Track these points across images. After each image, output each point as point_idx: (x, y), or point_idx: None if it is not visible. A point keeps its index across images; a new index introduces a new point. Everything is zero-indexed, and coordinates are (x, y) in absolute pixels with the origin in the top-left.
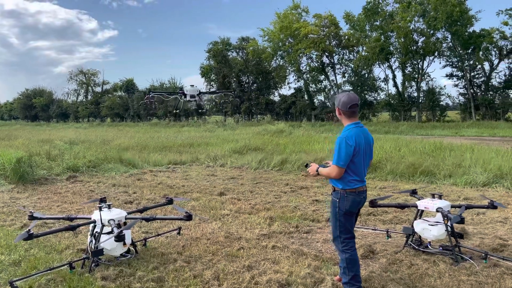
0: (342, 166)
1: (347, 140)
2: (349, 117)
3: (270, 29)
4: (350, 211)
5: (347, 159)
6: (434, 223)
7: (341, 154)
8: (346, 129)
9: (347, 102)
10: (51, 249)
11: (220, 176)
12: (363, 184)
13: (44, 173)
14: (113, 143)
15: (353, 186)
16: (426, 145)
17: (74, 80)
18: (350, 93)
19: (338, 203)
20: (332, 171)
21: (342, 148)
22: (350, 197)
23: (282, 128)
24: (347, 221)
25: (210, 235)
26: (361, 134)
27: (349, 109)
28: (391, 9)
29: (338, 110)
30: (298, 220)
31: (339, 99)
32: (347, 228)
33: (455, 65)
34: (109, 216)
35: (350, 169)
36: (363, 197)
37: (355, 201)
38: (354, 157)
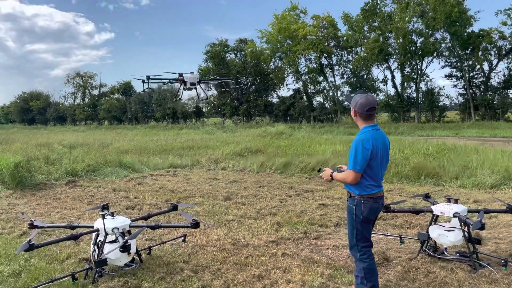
0: (358, 170)
1: (364, 144)
2: (366, 119)
3: (268, 31)
4: (368, 218)
5: (363, 163)
6: (451, 229)
7: (358, 158)
8: (362, 132)
9: (365, 104)
10: (52, 258)
11: (222, 179)
12: (381, 189)
13: (43, 178)
14: (112, 146)
15: (370, 191)
16: (430, 146)
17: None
18: (368, 95)
19: (355, 210)
20: (348, 176)
21: (358, 152)
22: (367, 203)
23: (282, 130)
24: (364, 229)
25: (216, 242)
26: (378, 137)
27: (366, 112)
28: (389, 10)
29: (354, 112)
30: (306, 226)
31: (356, 101)
32: (365, 236)
33: (454, 65)
34: (113, 225)
35: (367, 174)
36: (381, 203)
37: (373, 207)
38: (371, 161)
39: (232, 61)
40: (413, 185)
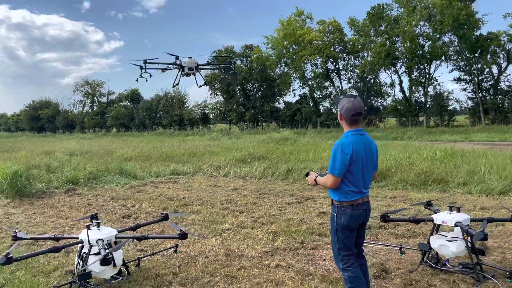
0: (337, 175)
1: (343, 148)
2: (351, 124)
3: (274, 37)
4: (349, 226)
5: (342, 168)
6: (453, 239)
7: (336, 162)
8: (344, 136)
9: (351, 109)
10: (38, 271)
11: (222, 186)
12: (363, 196)
13: (43, 186)
14: (116, 154)
15: (350, 198)
16: (437, 152)
17: (79, 91)
18: (355, 100)
19: (336, 217)
20: (327, 181)
21: (337, 156)
22: (347, 210)
23: (287, 136)
24: (346, 237)
25: (210, 252)
26: (361, 142)
27: (351, 117)
28: (396, 14)
29: (340, 115)
30: (303, 235)
31: (342, 105)
32: (347, 245)
33: (463, 69)
34: (97, 236)
35: (347, 179)
36: (362, 210)
37: (354, 215)
38: (351, 166)
39: (238, 67)
40: (418, 192)
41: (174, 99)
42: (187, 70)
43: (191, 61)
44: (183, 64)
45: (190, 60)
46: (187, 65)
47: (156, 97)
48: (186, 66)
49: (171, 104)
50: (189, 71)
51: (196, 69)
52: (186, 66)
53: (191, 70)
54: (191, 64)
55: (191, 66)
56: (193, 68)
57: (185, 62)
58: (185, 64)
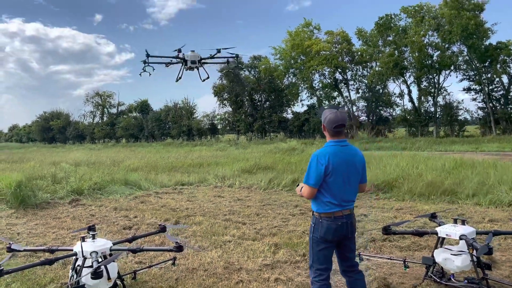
0: (312, 185)
1: (319, 158)
2: (333, 136)
3: (281, 47)
4: (325, 239)
5: (317, 179)
6: (458, 253)
7: (310, 172)
8: (324, 146)
9: (334, 121)
10: (34, 283)
11: (227, 197)
12: (343, 209)
13: (47, 196)
14: (123, 164)
15: (328, 209)
16: (446, 162)
17: (90, 102)
18: (338, 111)
19: (313, 228)
20: (304, 191)
21: (312, 166)
22: (324, 222)
23: (294, 146)
24: (321, 250)
25: (208, 265)
26: (340, 153)
27: (334, 128)
28: (404, 24)
29: (324, 126)
30: (305, 247)
31: (325, 116)
32: (320, 258)
33: (473, 78)
34: (91, 248)
35: (324, 190)
36: (341, 223)
37: (331, 227)
38: (328, 177)
39: (246, 78)
40: (426, 203)
41: (183, 110)
42: (190, 64)
43: (193, 54)
44: (186, 58)
45: (192, 53)
46: (190, 58)
47: (165, 107)
48: (189, 59)
49: (180, 114)
50: (192, 65)
51: (199, 63)
52: (189, 59)
53: (194, 64)
54: (193, 57)
55: (193, 60)
56: (196, 62)
57: (188, 55)
58: (188, 57)
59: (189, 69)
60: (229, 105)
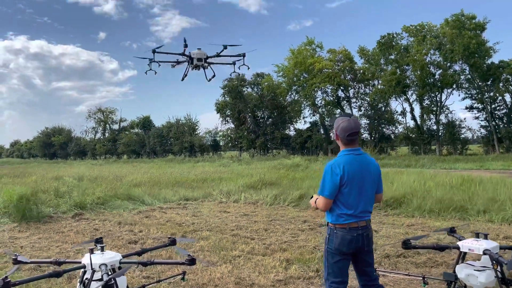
0: (327, 196)
1: (333, 168)
2: (346, 144)
3: (284, 65)
4: (340, 250)
5: (332, 189)
6: (481, 269)
7: (325, 183)
8: (338, 156)
9: (347, 129)
10: None
11: (232, 212)
12: (359, 220)
13: (50, 210)
14: (125, 179)
15: (343, 221)
16: (453, 179)
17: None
18: (351, 119)
19: (328, 239)
20: (318, 203)
21: (327, 177)
22: (339, 233)
23: (298, 162)
24: (336, 262)
25: (219, 280)
26: (355, 162)
27: (347, 137)
28: (406, 42)
29: (336, 135)
30: (318, 263)
31: (338, 124)
32: (336, 271)
33: (475, 97)
34: (100, 260)
35: (340, 201)
36: (357, 235)
37: (345, 238)
38: (343, 187)
39: (249, 95)
40: (436, 219)
41: (185, 126)
42: (196, 62)
43: (200, 52)
44: (192, 55)
45: (199, 51)
46: (196, 56)
47: (167, 124)
48: (195, 57)
49: (182, 131)
50: (198, 63)
51: (205, 61)
52: (195, 57)
53: (200, 61)
54: (200, 55)
55: (200, 57)
56: (202, 60)
57: (194, 53)
58: (194, 55)
59: (195, 68)
60: (232, 122)
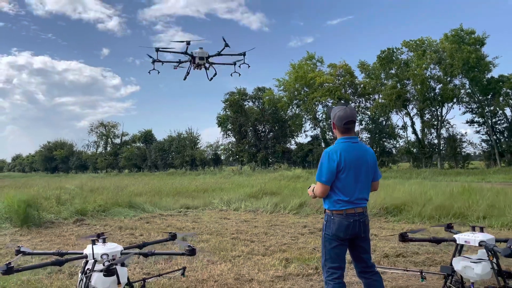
0: (324, 182)
1: (330, 155)
2: (343, 132)
3: (285, 79)
4: (337, 236)
5: (329, 175)
6: (477, 261)
7: (323, 169)
8: (336, 143)
9: (343, 117)
10: None
11: (233, 219)
12: (355, 206)
13: (52, 217)
14: (127, 190)
15: (339, 207)
16: (454, 188)
17: (94, 132)
18: (347, 108)
19: (325, 226)
20: (316, 189)
21: (324, 163)
22: (336, 219)
23: (299, 174)
24: (333, 248)
25: (218, 277)
26: (352, 149)
27: (344, 125)
28: (406, 57)
29: (333, 124)
30: (317, 262)
31: (334, 113)
32: (333, 257)
33: (475, 111)
34: (102, 250)
35: (337, 187)
36: (353, 221)
37: (342, 224)
38: (340, 174)
39: (250, 109)
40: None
41: (186, 140)
42: (198, 61)
43: (202, 51)
44: (194, 54)
45: (201, 50)
46: (198, 55)
47: (169, 138)
48: (197, 56)
49: (183, 144)
50: (200, 61)
51: (206, 60)
52: (197, 56)
53: (202, 60)
54: (202, 54)
55: (202, 56)
56: (203, 58)
57: (196, 52)
58: (196, 54)
59: (197, 67)
60: (233, 136)
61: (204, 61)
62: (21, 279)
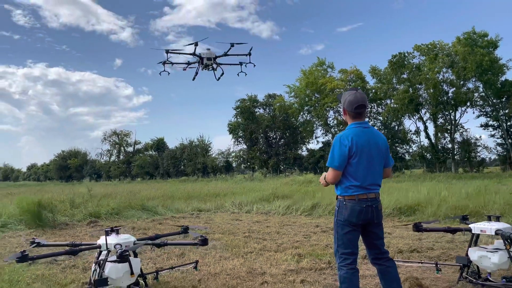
0: (336, 167)
1: (342, 140)
2: (354, 118)
3: (296, 86)
4: (349, 221)
5: (341, 160)
6: (494, 250)
7: (334, 154)
8: (347, 129)
9: (353, 102)
10: (55, 283)
11: (245, 220)
12: (367, 192)
13: (66, 219)
14: (140, 194)
15: (352, 192)
16: (469, 189)
17: (107, 140)
18: (357, 92)
19: (337, 212)
20: (327, 174)
21: (335, 148)
22: (348, 204)
23: (311, 179)
24: (346, 234)
25: (231, 271)
26: (363, 134)
27: (355, 110)
28: (418, 61)
29: (344, 110)
30: (331, 257)
31: (345, 98)
32: (346, 242)
33: (490, 114)
34: (115, 241)
35: (348, 173)
36: (366, 206)
37: (355, 209)
38: (352, 159)
39: (261, 116)
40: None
41: (198, 148)
42: (206, 61)
43: (209, 52)
44: (202, 55)
45: (208, 51)
46: (206, 56)
47: (180, 145)
48: (205, 57)
49: (195, 152)
50: (207, 62)
51: (214, 60)
52: (205, 57)
53: (209, 61)
54: (209, 55)
55: (209, 57)
56: (211, 59)
57: (204, 53)
58: (204, 55)
59: (205, 68)
60: (244, 143)
61: (212, 62)
62: (36, 273)
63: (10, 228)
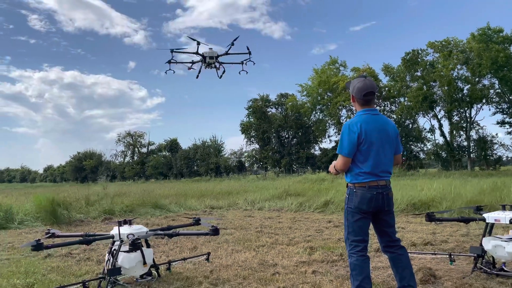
0: (346, 155)
1: (351, 127)
2: (363, 105)
3: (308, 85)
4: (360, 209)
5: (351, 147)
6: (509, 239)
7: (344, 141)
8: (356, 116)
9: (362, 88)
10: (69, 274)
11: (257, 217)
12: (377, 179)
13: (81, 216)
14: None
15: (362, 180)
16: (485, 185)
17: (122, 142)
18: (366, 79)
19: (347, 199)
20: (337, 162)
21: (344, 135)
22: (359, 192)
23: (324, 177)
24: (356, 221)
25: (243, 263)
26: (372, 121)
27: (363, 97)
28: (432, 58)
29: (353, 97)
30: (343, 250)
31: (353, 85)
32: (356, 230)
33: (506, 111)
34: (128, 231)
35: (358, 160)
36: (377, 193)
37: (365, 196)
38: (361, 146)
39: (273, 115)
40: None
41: (210, 148)
42: (209, 60)
43: (211, 51)
44: (204, 54)
45: (210, 51)
46: (208, 55)
47: (193, 146)
48: (207, 56)
49: (208, 152)
50: (210, 61)
51: (216, 59)
52: (208, 56)
53: (212, 59)
54: (211, 54)
55: (212, 56)
56: (213, 58)
57: (207, 53)
58: (206, 54)
59: (208, 66)
60: (256, 142)
61: (214, 60)
62: (51, 265)
63: (26, 225)
